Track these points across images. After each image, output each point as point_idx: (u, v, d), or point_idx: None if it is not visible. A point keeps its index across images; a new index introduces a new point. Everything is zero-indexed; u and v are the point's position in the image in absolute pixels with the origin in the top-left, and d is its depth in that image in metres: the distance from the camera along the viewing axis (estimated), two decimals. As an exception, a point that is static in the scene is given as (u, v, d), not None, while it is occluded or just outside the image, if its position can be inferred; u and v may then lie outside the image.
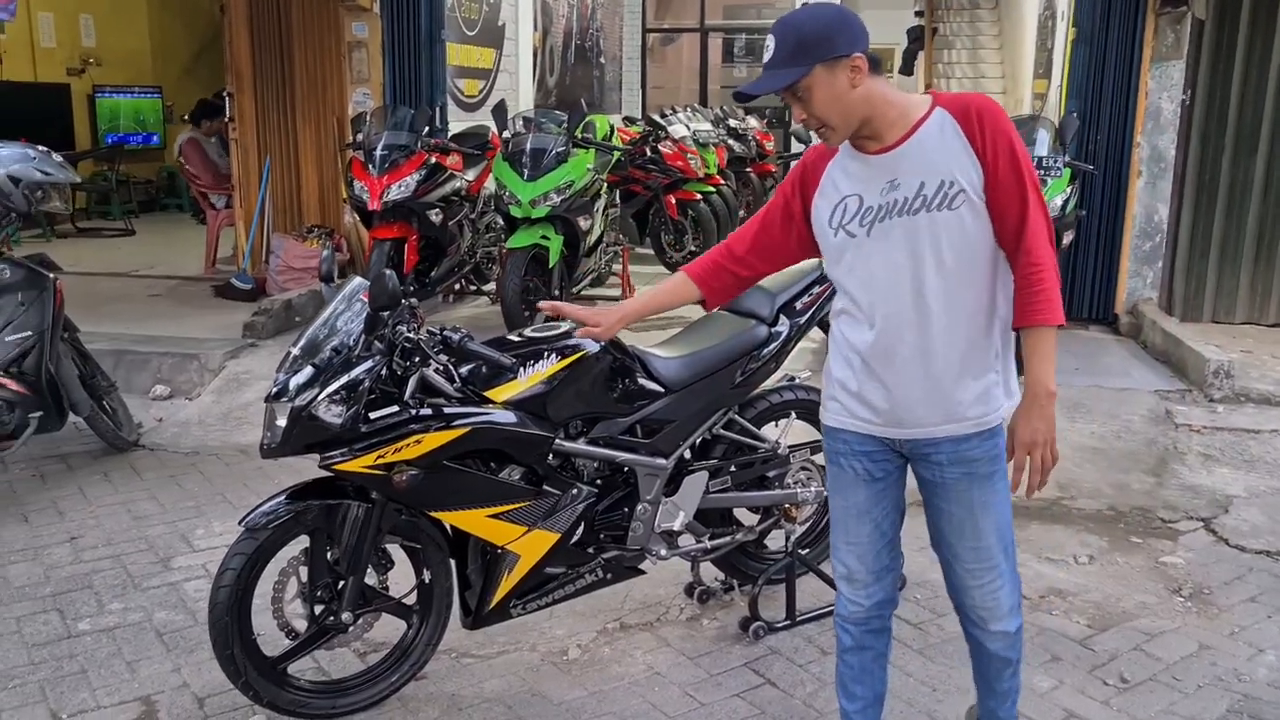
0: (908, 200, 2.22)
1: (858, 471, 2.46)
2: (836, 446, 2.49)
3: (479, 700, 3.20)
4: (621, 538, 3.31)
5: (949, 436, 2.34)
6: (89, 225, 11.77)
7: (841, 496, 2.51)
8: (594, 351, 3.15)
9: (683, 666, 3.39)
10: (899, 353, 2.31)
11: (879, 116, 2.23)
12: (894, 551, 2.55)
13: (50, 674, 3.33)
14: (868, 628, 2.57)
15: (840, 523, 2.53)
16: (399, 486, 2.83)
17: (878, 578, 2.52)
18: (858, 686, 2.62)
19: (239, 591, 2.90)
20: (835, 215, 2.32)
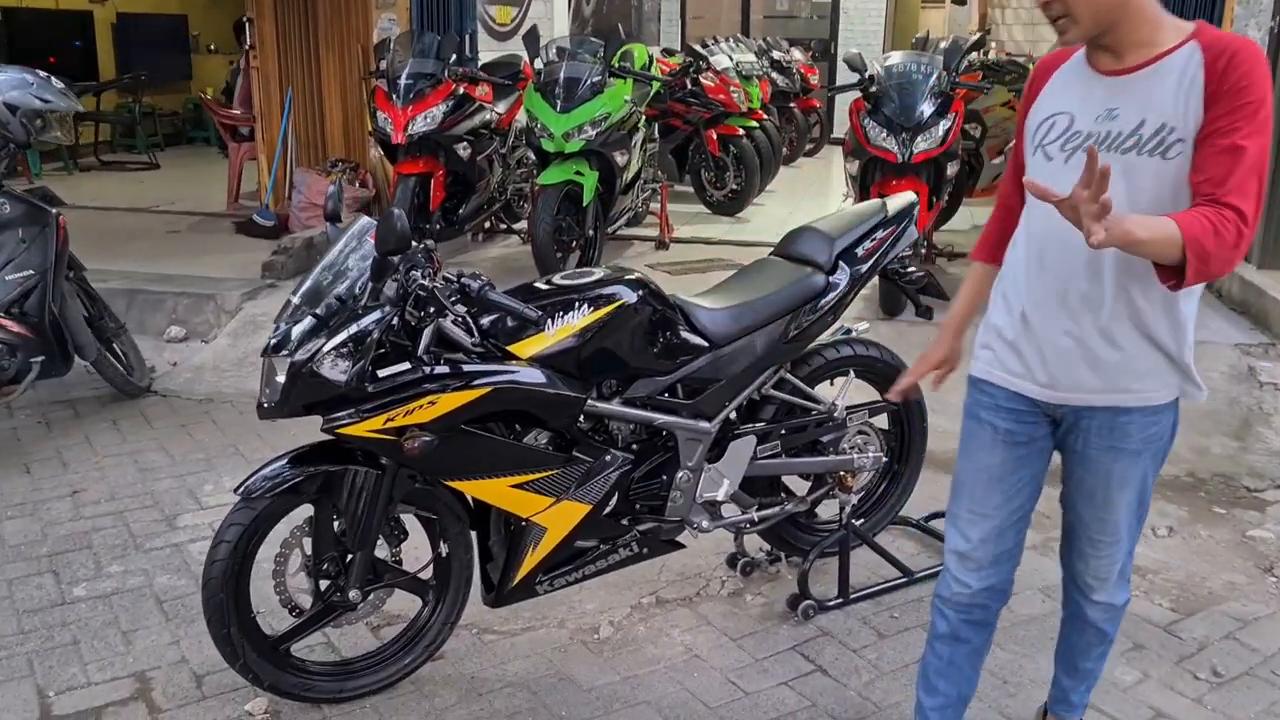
0: (1120, 135, 1.94)
1: (998, 430, 2.20)
2: (979, 399, 2.24)
3: (500, 684, 2.91)
4: (660, 508, 2.99)
5: (1109, 407, 2.10)
6: (113, 158, 11.49)
7: (973, 458, 2.25)
8: (631, 301, 2.80)
9: (724, 649, 3.08)
10: (1068, 305, 2.05)
11: (1129, 30, 1.94)
12: (1019, 533, 2.28)
13: (40, 645, 3.07)
14: (969, 617, 2.31)
15: (966, 488, 2.27)
16: (410, 453, 2.52)
17: (995, 560, 2.26)
18: (941, 681, 2.37)
19: (235, 565, 2.61)
20: (1040, 132, 2.08)
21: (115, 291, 5.81)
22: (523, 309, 2.54)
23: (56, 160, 10.60)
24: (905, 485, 3.48)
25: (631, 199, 6.71)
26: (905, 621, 3.21)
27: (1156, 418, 2.11)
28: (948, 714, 2.40)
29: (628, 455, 2.85)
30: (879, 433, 3.35)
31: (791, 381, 3.14)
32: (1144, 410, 2.09)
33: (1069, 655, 2.45)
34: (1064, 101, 2.05)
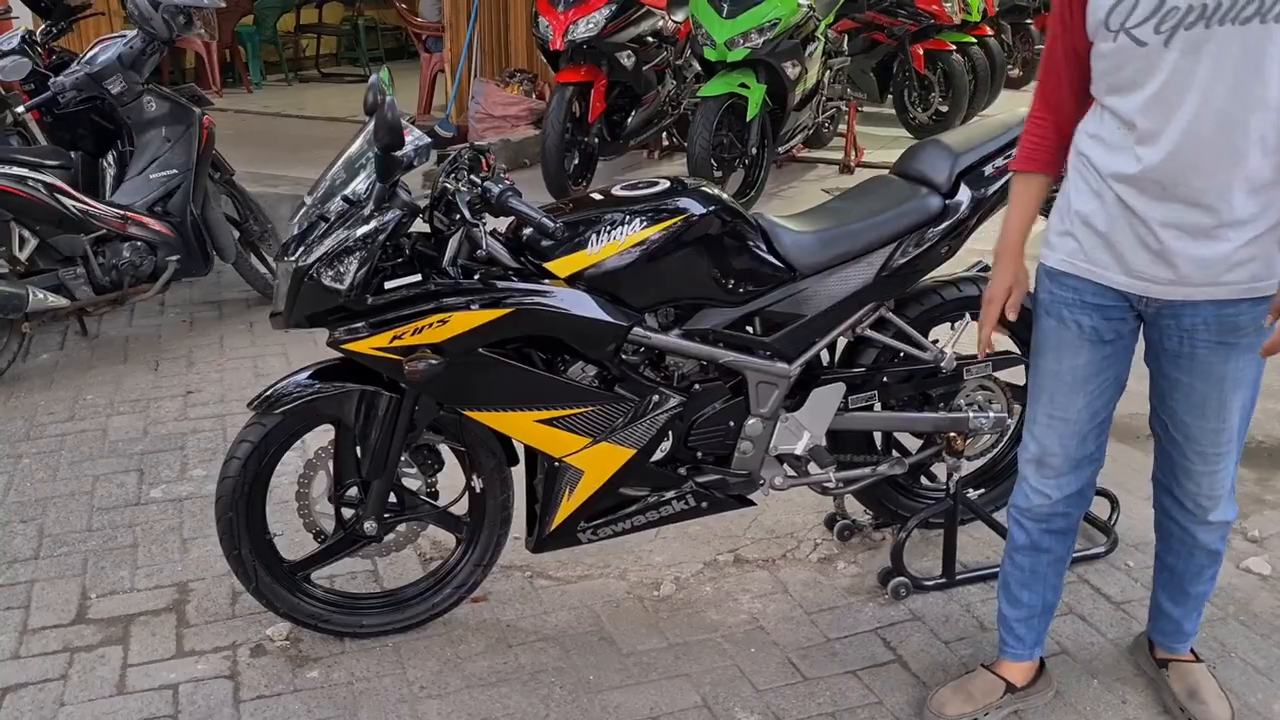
0: (1236, 2, 1.70)
1: (1083, 329, 2.05)
2: (1061, 295, 2.07)
3: (535, 637, 2.64)
4: (726, 459, 2.61)
5: (1212, 300, 1.94)
6: (333, 70, 11.79)
7: (1055, 357, 2.10)
8: (697, 216, 2.41)
9: (795, 623, 2.69)
10: (1178, 196, 1.87)
11: None
12: (1101, 437, 2.17)
13: (100, 544, 3.05)
14: (1049, 526, 2.23)
15: (1045, 391, 2.13)
16: (411, 376, 2.25)
17: (1075, 466, 2.16)
18: (1025, 592, 2.29)
19: (245, 484, 2.44)
20: (1117, 11, 1.82)
21: (282, 197, 5.85)
22: (541, 218, 2.20)
23: (278, 71, 10.97)
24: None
25: (808, 116, 6.16)
26: (1017, 614, 2.70)
27: (1264, 308, 1.92)
28: (1034, 624, 2.32)
29: (681, 397, 2.48)
30: (1007, 390, 2.82)
31: (895, 323, 2.66)
32: (1253, 301, 1.92)
33: (1177, 584, 2.28)
34: None
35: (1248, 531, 3.03)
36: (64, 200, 4.16)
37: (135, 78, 4.44)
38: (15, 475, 3.44)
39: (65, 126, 4.78)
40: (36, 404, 3.96)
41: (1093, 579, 2.84)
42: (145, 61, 4.51)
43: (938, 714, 2.31)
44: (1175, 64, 1.78)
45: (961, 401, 2.77)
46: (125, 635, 2.66)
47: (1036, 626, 2.32)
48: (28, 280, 4.12)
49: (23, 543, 3.05)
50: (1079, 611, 2.71)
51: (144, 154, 4.54)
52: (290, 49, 11.50)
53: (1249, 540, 3.00)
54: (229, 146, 5.03)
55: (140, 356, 4.42)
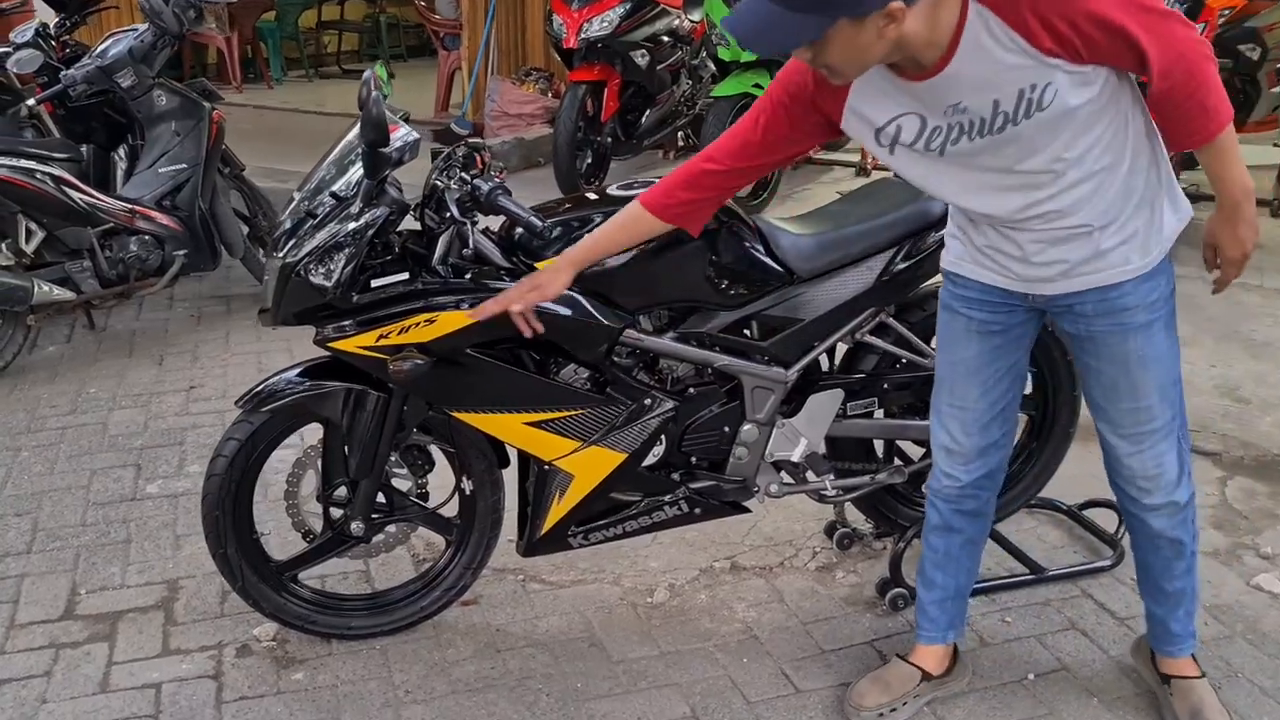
0: (985, 121, 1.81)
1: (972, 321, 2.12)
2: (953, 290, 2.15)
3: (524, 643, 2.60)
4: (721, 464, 2.56)
5: (1094, 287, 1.98)
6: (355, 67, 11.80)
7: (949, 350, 2.19)
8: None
9: (789, 633, 2.64)
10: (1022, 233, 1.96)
11: (909, 52, 1.76)
12: (1005, 425, 2.23)
13: (94, 539, 3.03)
14: (959, 507, 2.28)
15: (945, 382, 2.22)
16: (396, 376, 2.22)
17: (981, 453, 2.22)
18: (938, 573, 2.34)
19: (231, 482, 2.41)
20: (884, 134, 1.92)
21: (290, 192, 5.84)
22: (529, 217, 2.16)
23: (299, 68, 11.00)
24: (1044, 464, 2.87)
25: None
26: (1019, 628, 2.65)
27: (1155, 283, 1.97)
28: (947, 607, 2.35)
29: (673, 401, 2.43)
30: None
31: (896, 328, 2.60)
32: (1137, 280, 1.95)
33: (1151, 580, 2.27)
34: (899, 104, 1.86)
35: (1260, 548, 2.96)
36: (71, 193, 4.15)
37: (146, 71, 4.44)
38: (13, 468, 3.43)
39: (78, 120, 4.79)
40: (39, 397, 3.95)
41: (1096, 593, 2.77)
42: (156, 55, 4.50)
43: (857, 707, 2.32)
44: (953, 168, 1.90)
45: (964, 409, 2.71)
46: (112, 632, 2.63)
47: (950, 609, 2.35)
48: (34, 273, 4.12)
49: (16, 536, 3.04)
50: (1081, 627, 2.64)
51: (153, 148, 4.53)
52: (312, 45, 11.52)
53: (1260, 557, 2.92)
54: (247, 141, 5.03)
55: (146, 351, 4.41)
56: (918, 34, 1.72)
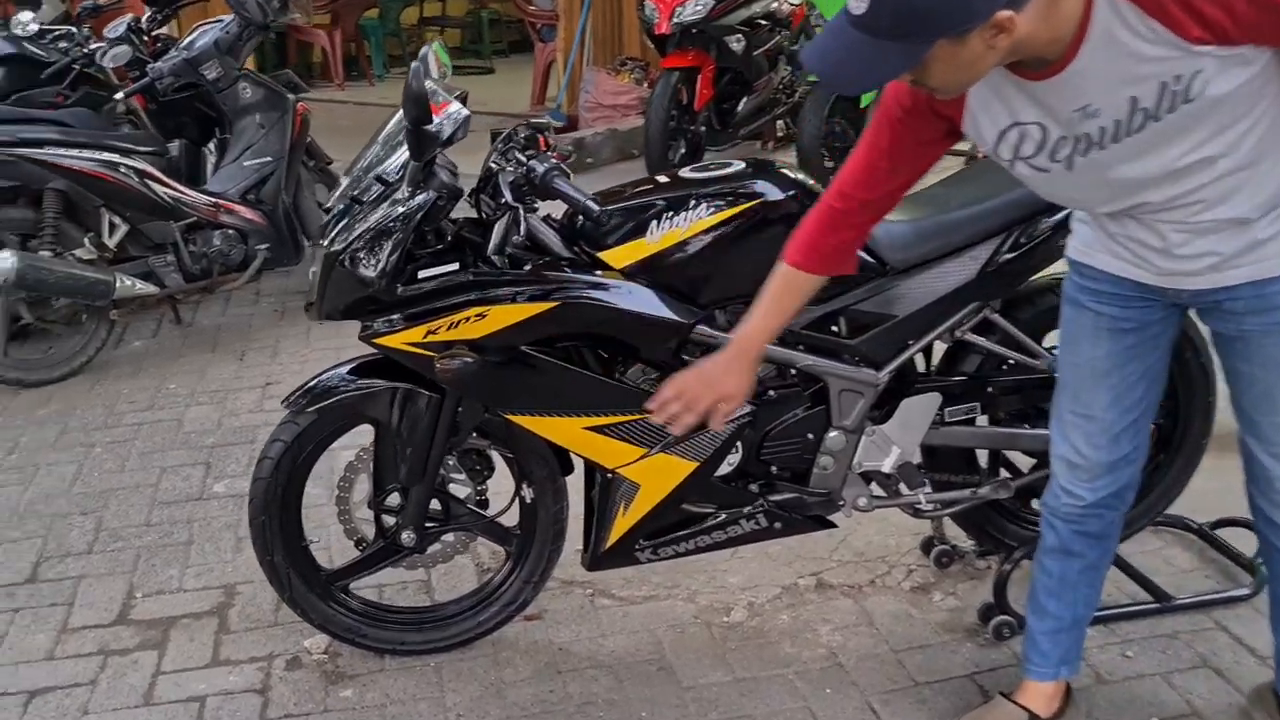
0: (1120, 124, 1.55)
1: (1102, 317, 1.85)
2: (1079, 282, 1.88)
3: (588, 664, 2.41)
4: (804, 475, 2.33)
5: (1248, 281, 1.69)
6: (457, 64, 11.78)
7: (1074, 350, 1.91)
8: (775, 199, 2.14)
9: (879, 662, 2.39)
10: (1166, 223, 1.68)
11: (1028, 54, 1.51)
12: (1137, 437, 1.95)
13: (156, 540, 2.95)
14: (1081, 529, 2.01)
15: (1069, 386, 1.94)
16: (443, 375, 2.04)
17: (1109, 469, 1.94)
18: (1052, 601, 2.08)
19: (278, 486, 2.28)
20: (1005, 143, 1.67)
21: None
22: (585, 200, 1.96)
23: (401, 64, 11.02)
24: (1174, 478, 2.55)
25: (931, 102, 5.76)
26: (1142, 664, 2.35)
27: None
28: (1060, 639, 2.09)
29: (752, 404, 2.20)
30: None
31: (1002, 326, 2.32)
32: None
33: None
34: (1019, 110, 1.62)
35: None
36: (154, 187, 4.12)
37: (231, 63, 4.39)
38: (85, 464, 3.38)
39: (169, 114, 4.77)
40: (120, 392, 3.92)
41: (1233, 626, 2.45)
42: (242, 47, 4.46)
43: None
44: (1086, 179, 1.65)
45: (1080, 417, 2.42)
46: (163, 639, 2.53)
47: (1063, 642, 2.09)
48: (116, 267, 4.09)
49: (78, 536, 2.97)
50: (1214, 664, 2.33)
51: (239, 141, 4.49)
52: (414, 42, 11.56)
53: None
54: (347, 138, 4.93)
55: (228, 346, 4.36)
56: (1035, 35, 1.47)
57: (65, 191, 3.95)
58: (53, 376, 3.99)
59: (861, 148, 1.83)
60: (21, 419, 3.72)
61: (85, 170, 3.96)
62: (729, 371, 1.91)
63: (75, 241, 4.01)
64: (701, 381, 1.91)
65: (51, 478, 3.30)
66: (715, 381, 1.91)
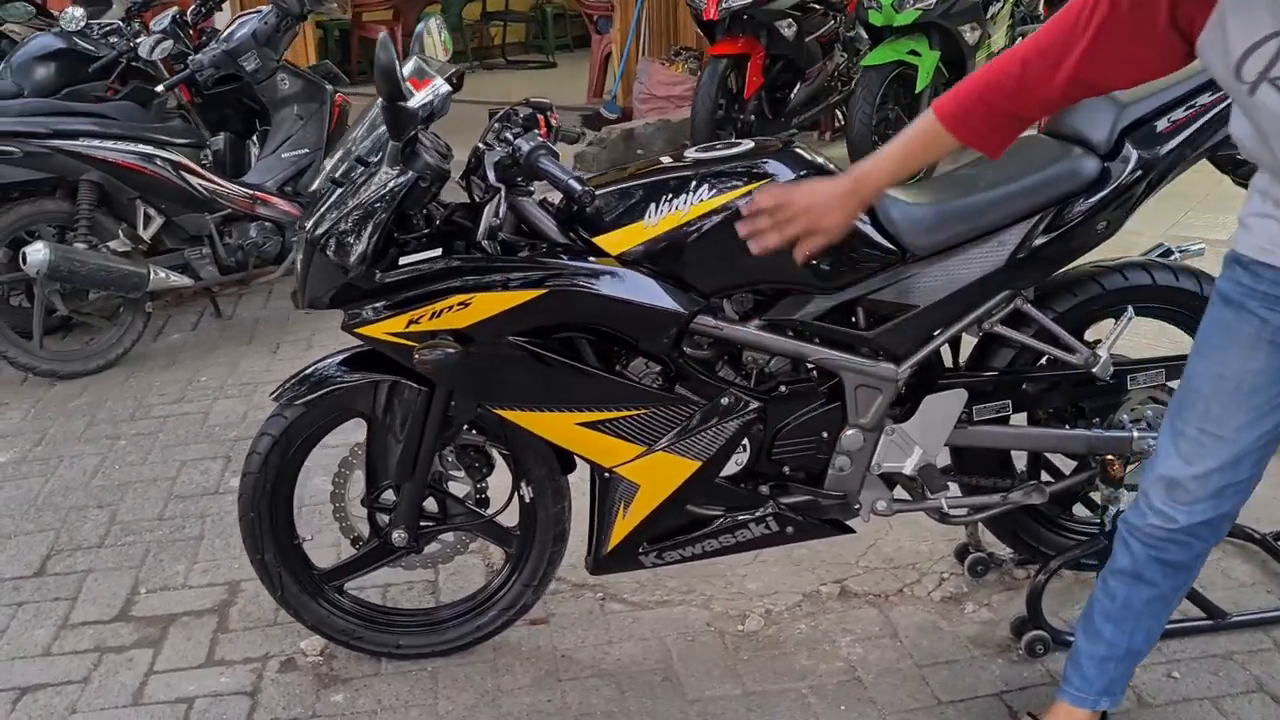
0: None
1: (1266, 325, 1.61)
2: (1244, 284, 1.63)
3: (590, 672, 2.29)
4: (819, 477, 2.17)
5: None
6: (519, 58, 11.77)
7: (1219, 357, 1.66)
8: (784, 180, 2.00)
9: (901, 678, 2.23)
10: None
11: None
12: (1259, 464, 1.71)
13: (167, 535, 2.89)
14: (1161, 555, 1.77)
15: (1198, 397, 1.69)
16: (424, 366, 1.93)
17: (1216, 494, 1.70)
18: (1109, 627, 1.86)
19: (267, 482, 2.20)
20: (1256, 58, 1.40)
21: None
22: (568, 181, 1.84)
23: (462, 60, 11.01)
24: (1230, 485, 2.35)
25: (992, 88, 5.51)
26: (1189, 687, 2.16)
27: None
28: (1109, 668, 1.87)
29: (756, 401, 2.06)
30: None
31: (1034, 317, 2.14)
32: None
33: None
34: None
35: None
36: (190, 179, 4.09)
37: (270, 54, 4.35)
38: (109, 456, 3.36)
39: (213, 107, 4.75)
40: (152, 384, 3.90)
41: (1294, 648, 2.24)
42: (280, 38, 4.41)
43: None
44: None
45: (1124, 417, 2.23)
46: (161, 637, 2.47)
47: (1112, 672, 1.88)
48: (151, 260, 4.07)
49: (91, 529, 2.93)
50: (1271, 689, 2.13)
51: (278, 133, 4.45)
52: (477, 37, 11.55)
53: None
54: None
55: (264, 339, 4.32)
56: None
57: (100, 183, 3.94)
58: (88, 369, 3.98)
59: (1067, 13, 1.59)
60: (54, 410, 3.72)
61: (120, 162, 3.94)
62: (834, 204, 1.78)
63: (110, 234, 4.00)
64: (802, 203, 1.78)
65: (74, 470, 3.28)
66: (816, 209, 1.78)
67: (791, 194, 1.79)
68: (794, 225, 1.78)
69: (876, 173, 1.79)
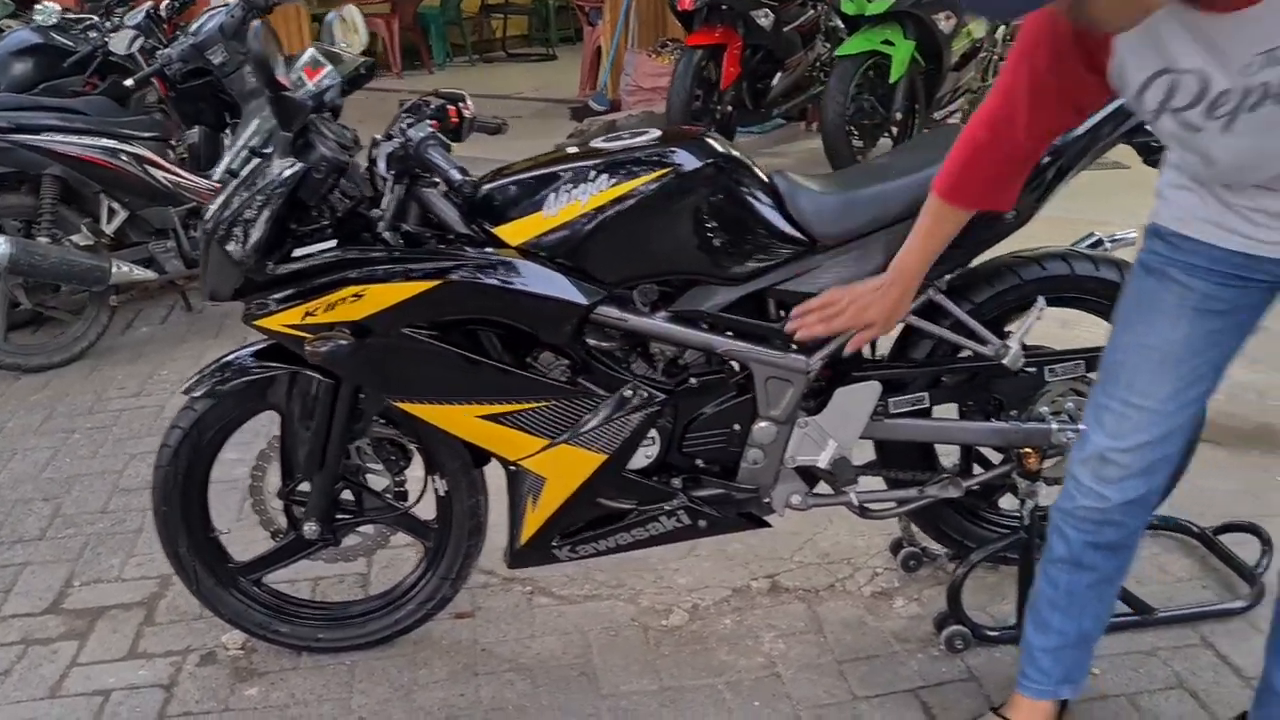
0: None
1: (1190, 293, 1.62)
2: (1165, 255, 1.64)
3: (507, 666, 2.27)
4: (733, 470, 2.15)
5: None
6: (519, 51, 11.76)
7: (1144, 328, 1.66)
8: (687, 170, 1.97)
9: (819, 673, 2.20)
10: None
11: None
12: (1186, 435, 1.72)
13: (106, 528, 2.90)
14: (1096, 539, 1.76)
15: (1123, 368, 1.68)
16: (314, 357, 1.92)
17: (1147, 469, 1.70)
18: (1056, 616, 1.85)
19: (178, 475, 2.18)
20: (1150, 92, 1.45)
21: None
22: (449, 170, 1.82)
23: (462, 55, 11.01)
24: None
25: (973, 76, 5.46)
26: (1110, 683, 2.12)
27: None
28: (1064, 656, 1.87)
29: (657, 393, 2.03)
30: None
31: (947, 308, 2.10)
32: None
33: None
34: (1182, 56, 1.39)
35: None
36: (154, 172, 4.09)
37: (237, 47, 4.33)
38: (61, 450, 3.37)
39: (187, 101, 4.76)
40: (114, 378, 3.91)
41: (1220, 643, 2.20)
42: (247, 30, 4.40)
43: None
44: (1241, 143, 1.43)
45: (1044, 409, 2.19)
46: (88, 630, 2.47)
47: (1066, 660, 1.88)
48: (116, 253, 4.08)
49: (34, 522, 2.94)
50: (1191, 686, 2.09)
51: (246, 125, 4.43)
52: (477, 31, 11.53)
53: None
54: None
55: (232, 333, 4.31)
56: None
57: (63, 178, 3.95)
58: (52, 362, 4.00)
59: (1003, 75, 1.65)
60: (14, 404, 3.73)
61: (83, 156, 3.95)
62: (875, 297, 1.89)
63: (74, 228, 4.01)
64: (850, 300, 1.90)
65: (25, 463, 3.29)
66: (859, 304, 1.89)
67: (839, 291, 1.92)
68: (841, 319, 1.91)
69: (909, 259, 1.87)
